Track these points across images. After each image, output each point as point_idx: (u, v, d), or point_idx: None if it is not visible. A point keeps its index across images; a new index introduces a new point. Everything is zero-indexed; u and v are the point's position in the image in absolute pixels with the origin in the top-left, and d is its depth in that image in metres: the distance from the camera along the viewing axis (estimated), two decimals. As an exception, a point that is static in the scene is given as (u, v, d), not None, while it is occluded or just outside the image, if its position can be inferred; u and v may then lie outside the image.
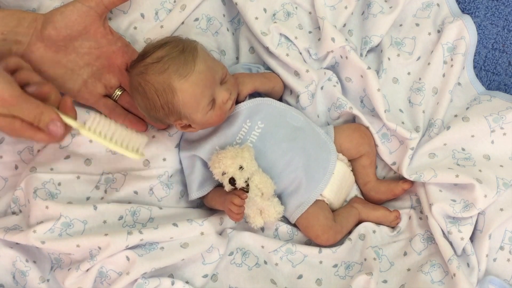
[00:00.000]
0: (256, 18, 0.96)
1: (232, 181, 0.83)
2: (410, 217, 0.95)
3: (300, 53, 0.98)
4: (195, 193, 0.92)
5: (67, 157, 0.87)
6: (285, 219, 0.94)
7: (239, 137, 0.90)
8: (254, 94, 0.93)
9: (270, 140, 0.89)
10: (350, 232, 0.94)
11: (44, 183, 0.84)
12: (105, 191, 0.88)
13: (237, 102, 0.91)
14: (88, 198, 0.87)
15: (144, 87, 0.81)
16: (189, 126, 0.87)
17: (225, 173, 0.84)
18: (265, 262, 0.90)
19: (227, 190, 0.85)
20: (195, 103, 0.83)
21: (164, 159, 0.93)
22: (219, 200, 0.89)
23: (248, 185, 0.84)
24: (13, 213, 0.88)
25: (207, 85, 0.83)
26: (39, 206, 0.82)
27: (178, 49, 0.82)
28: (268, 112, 0.91)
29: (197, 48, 0.83)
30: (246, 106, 0.91)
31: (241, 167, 0.83)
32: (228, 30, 1.01)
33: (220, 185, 0.87)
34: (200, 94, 0.82)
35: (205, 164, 0.90)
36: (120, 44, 0.86)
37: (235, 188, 0.84)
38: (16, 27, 0.77)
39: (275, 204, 0.88)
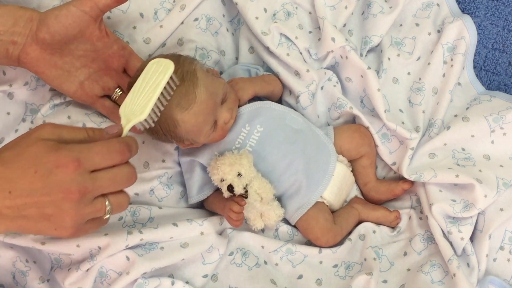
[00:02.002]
0: (257, 18, 0.95)
1: (230, 188, 0.83)
2: (410, 217, 0.95)
3: (301, 53, 0.98)
4: (194, 197, 0.92)
5: None
6: (285, 220, 0.94)
7: (238, 141, 0.89)
8: (254, 97, 0.93)
9: (269, 144, 0.89)
10: (350, 232, 0.94)
11: None
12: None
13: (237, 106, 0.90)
14: None
15: None
16: (191, 144, 0.87)
17: (223, 180, 0.84)
18: (265, 262, 0.90)
19: (225, 196, 0.85)
20: (198, 130, 0.83)
21: (164, 161, 0.93)
22: (219, 205, 0.90)
23: (247, 191, 0.84)
24: None
25: (209, 112, 0.82)
26: None
27: (177, 77, 0.78)
28: (267, 116, 0.91)
29: (197, 73, 0.81)
30: (245, 110, 0.91)
31: (239, 174, 0.83)
32: (227, 30, 1.01)
33: (219, 189, 0.87)
34: (203, 122, 0.82)
35: (205, 169, 0.90)
36: (117, 47, 0.85)
37: (234, 195, 0.84)
38: (12, 27, 0.77)
39: (275, 207, 0.88)
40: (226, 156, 0.85)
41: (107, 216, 0.65)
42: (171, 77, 0.73)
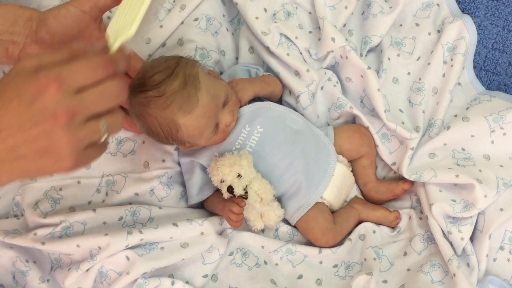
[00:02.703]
0: (257, 18, 0.95)
1: (230, 189, 0.83)
2: (410, 217, 0.95)
3: (301, 53, 0.98)
4: (194, 198, 0.92)
5: None
6: (285, 220, 0.94)
7: (238, 142, 0.89)
8: (254, 98, 0.93)
9: (269, 144, 0.89)
10: (350, 232, 0.94)
11: (46, 192, 0.84)
12: (106, 194, 0.88)
13: None
14: (89, 203, 0.86)
15: (147, 118, 0.80)
16: (192, 146, 0.87)
17: (223, 181, 0.83)
18: (265, 262, 0.90)
19: (225, 197, 0.85)
20: (199, 133, 0.83)
21: (164, 160, 0.93)
22: (219, 206, 0.90)
23: (246, 192, 0.83)
24: (15, 216, 0.88)
25: (211, 115, 0.82)
26: (39, 219, 0.82)
27: (180, 81, 0.79)
28: (267, 116, 0.91)
29: (199, 77, 0.81)
30: (245, 111, 0.91)
31: (239, 175, 0.83)
32: (227, 30, 1.01)
33: (220, 190, 0.87)
34: (204, 126, 0.82)
35: (205, 169, 0.90)
36: None
37: (234, 196, 0.84)
38: (12, 27, 0.76)
39: (275, 208, 0.88)
40: (226, 157, 0.85)
41: (104, 137, 0.57)
42: None
